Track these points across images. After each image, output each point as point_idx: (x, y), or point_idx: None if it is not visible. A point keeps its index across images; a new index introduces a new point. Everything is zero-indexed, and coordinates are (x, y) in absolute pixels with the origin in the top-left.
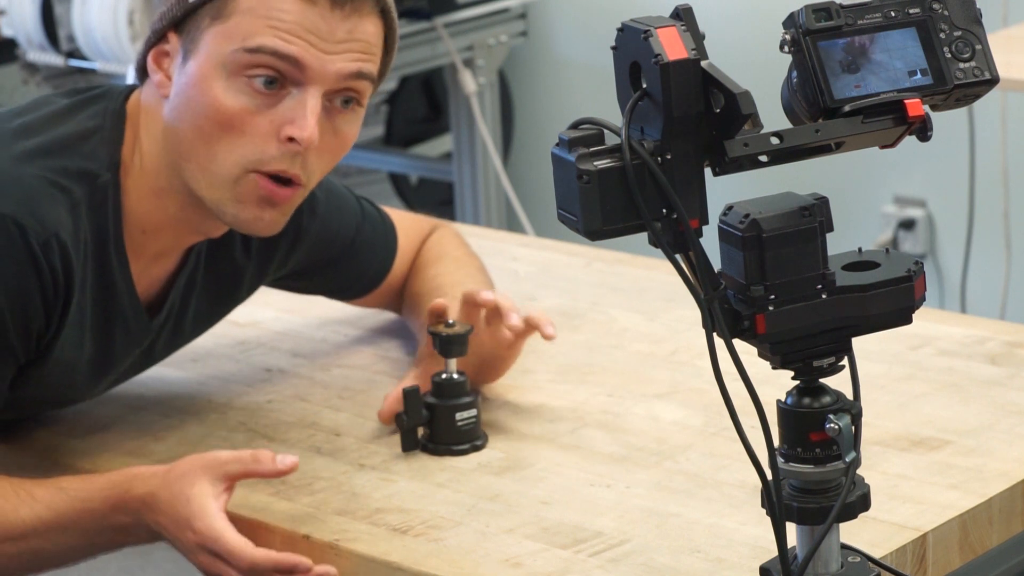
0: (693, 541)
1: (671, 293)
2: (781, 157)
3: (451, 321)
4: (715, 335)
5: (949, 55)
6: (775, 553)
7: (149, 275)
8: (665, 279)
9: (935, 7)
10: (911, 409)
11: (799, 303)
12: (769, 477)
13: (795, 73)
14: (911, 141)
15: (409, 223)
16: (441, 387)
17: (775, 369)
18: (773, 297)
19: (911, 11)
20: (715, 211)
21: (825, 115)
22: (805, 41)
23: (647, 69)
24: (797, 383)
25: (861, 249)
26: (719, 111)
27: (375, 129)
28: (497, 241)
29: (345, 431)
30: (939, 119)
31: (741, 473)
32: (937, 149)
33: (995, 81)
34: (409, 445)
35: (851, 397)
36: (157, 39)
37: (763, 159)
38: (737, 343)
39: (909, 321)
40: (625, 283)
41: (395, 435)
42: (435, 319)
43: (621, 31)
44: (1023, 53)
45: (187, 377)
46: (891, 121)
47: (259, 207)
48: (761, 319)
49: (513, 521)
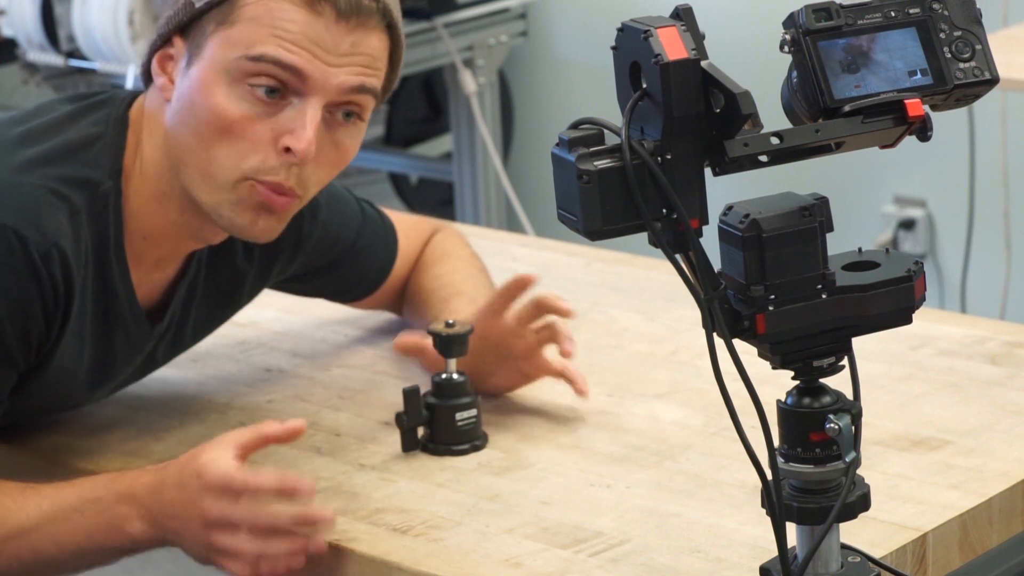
0: (693, 541)
1: (671, 293)
2: (781, 157)
3: (451, 321)
4: (715, 335)
5: (949, 55)
6: (775, 553)
7: (149, 282)
8: (665, 279)
9: (935, 7)
10: (911, 409)
11: (799, 303)
12: (769, 477)
13: (795, 73)
14: (911, 141)
15: (409, 225)
16: (441, 387)
17: (775, 369)
18: (773, 297)
19: (911, 11)
20: (715, 211)
21: (825, 115)
22: (805, 41)
23: (647, 69)
24: (797, 383)
25: (861, 249)
26: (719, 111)
27: (375, 129)
28: (497, 241)
29: (345, 431)
30: (939, 119)
31: (741, 473)
32: (937, 149)
33: (995, 81)
34: (409, 445)
35: (851, 397)
36: (162, 43)
37: (763, 159)
38: (737, 343)
39: (909, 321)
40: (625, 283)
41: (395, 435)
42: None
43: (621, 31)
44: (1023, 53)
45: (187, 377)
46: (891, 121)
47: (255, 213)
48: (761, 319)
49: (513, 521)
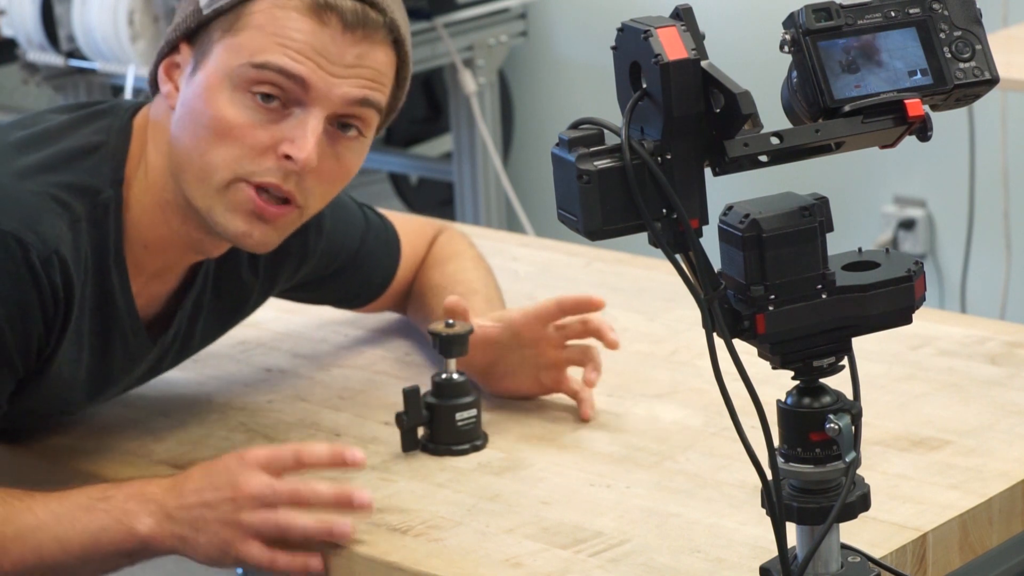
0: (693, 541)
1: (671, 293)
2: (781, 157)
3: (451, 321)
4: (715, 335)
5: (949, 55)
6: (775, 553)
7: (149, 291)
8: (665, 279)
9: (935, 7)
10: (911, 409)
11: (799, 303)
12: (769, 477)
13: (795, 73)
14: (911, 141)
15: (412, 227)
16: (441, 387)
17: (775, 369)
18: (773, 297)
19: (911, 11)
20: (715, 211)
21: (825, 115)
22: (805, 41)
23: (647, 69)
24: (797, 383)
25: (861, 249)
26: (719, 111)
27: None
28: (497, 241)
29: (345, 431)
30: (939, 119)
31: (741, 473)
32: (937, 149)
33: (995, 81)
34: (409, 445)
35: (851, 397)
36: (169, 50)
37: (763, 159)
38: (737, 343)
39: (909, 321)
40: (625, 283)
41: (395, 435)
42: (453, 315)
43: (621, 31)
44: (1023, 53)
45: (187, 377)
46: (891, 121)
47: (248, 221)
48: (761, 319)
49: (513, 521)
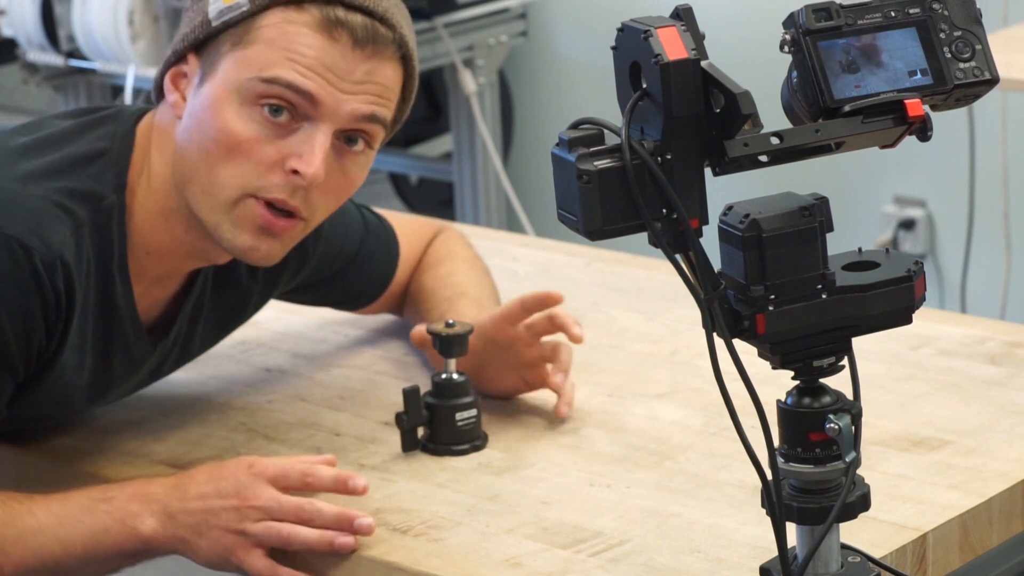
0: (693, 541)
1: (671, 293)
2: (781, 157)
3: (451, 321)
4: (715, 335)
5: (949, 55)
6: (775, 553)
7: (151, 297)
8: (665, 279)
9: (935, 7)
10: (911, 409)
11: (799, 303)
12: (769, 477)
13: (795, 73)
14: (911, 141)
15: (411, 228)
16: (441, 387)
17: (775, 369)
18: (773, 297)
19: (911, 11)
20: (715, 211)
21: (825, 115)
22: (805, 41)
23: (647, 69)
24: (797, 383)
25: (861, 249)
26: (719, 111)
27: None
28: (497, 241)
29: (345, 431)
30: (939, 119)
31: (741, 473)
32: (937, 149)
33: (995, 81)
34: (409, 445)
35: (851, 397)
36: (176, 59)
37: (763, 159)
38: (737, 343)
39: (909, 321)
40: (625, 283)
41: (395, 435)
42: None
43: (621, 31)
44: (1023, 53)
45: (187, 377)
46: (891, 121)
47: (256, 236)
48: (761, 319)
49: (513, 521)
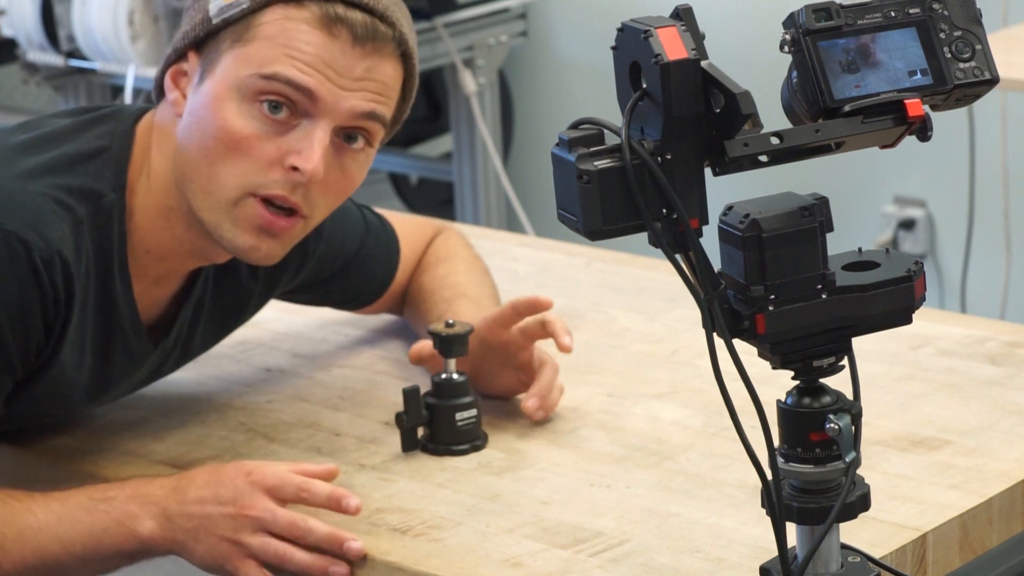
0: (693, 541)
1: (671, 293)
2: (781, 157)
3: (451, 321)
4: (715, 335)
5: (949, 55)
6: (775, 553)
7: (151, 297)
8: (665, 279)
9: (935, 7)
10: (911, 409)
11: (799, 303)
12: (769, 477)
13: (795, 73)
14: (911, 141)
15: (411, 228)
16: (441, 387)
17: (775, 369)
18: (773, 297)
19: (911, 11)
20: (715, 211)
21: (825, 115)
22: (805, 41)
23: (647, 69)
24: (797, 383)
25: (861, 249)
26: (719, 111)
27: None
28: (497, 241)
29: (345, 431)
30: (939, 119)
31: (741, 473)
32: (937, 149)
33: (995, 81)
34: (409, 445)
35: (851, 397)
36: (177, 58)
37: (763, 159)
38: (737, 343)
39: (909, 321)
40: (625, 283)
41: (395, 435)
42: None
43: (621, 31)
44: (1023, 53)
45: (187, 377)
46: (891, 121)
47: (257, 236)
48: (761, 319)
49: (513, 521)
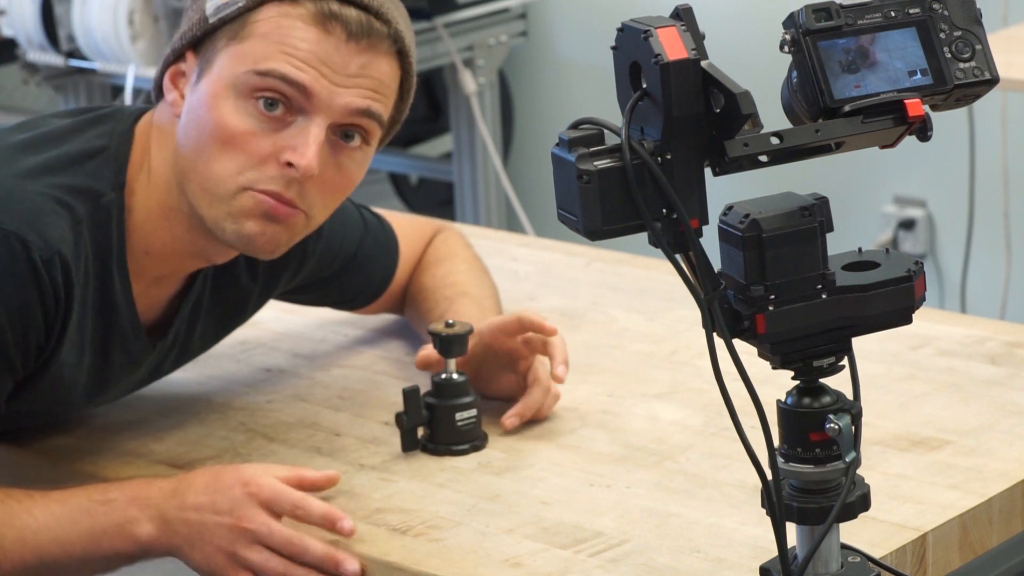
0: (693, 541)
1: (671, 293)
2: (781, 157)
3: (451, 321)
4: (715, 335)
5: (949, 55)
6: (775, 553)
7: (150, 297)
8: (665, 279)
9: (935, 7)
10: (911, 409)
11: (799, 303)
12: (769, 477)
13: (795, 73)
14: (911, 141)
15: (411, 228)
16: (441, 387)
17: (775, 369)
18: (773, 297)
19: (911, 11)
20: (715, 211)
21: (825, 115)
22: (805, 41)
23: (647, 69)
24: (797, 383)
25: (861, 249)
26: (719, 111)
27: None
28: (497, 241)
29: (345, 431)
30: (939, 119)
31: (741, 473)
32: (937, 149)
33: (995, 81)
34: (409, 445)
35: (851, 397)
36: (175, 58)
37: (763, 159)
38: (737, 343)
39: (909, 321)
40: (625, 283)
41: (395, 435)
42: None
43: (621, 31)
44: (1023, 53)
45: (187, 377)
46: (891, 121)
47: (260, 222)
48: (761, 319)
49: (513, 521)
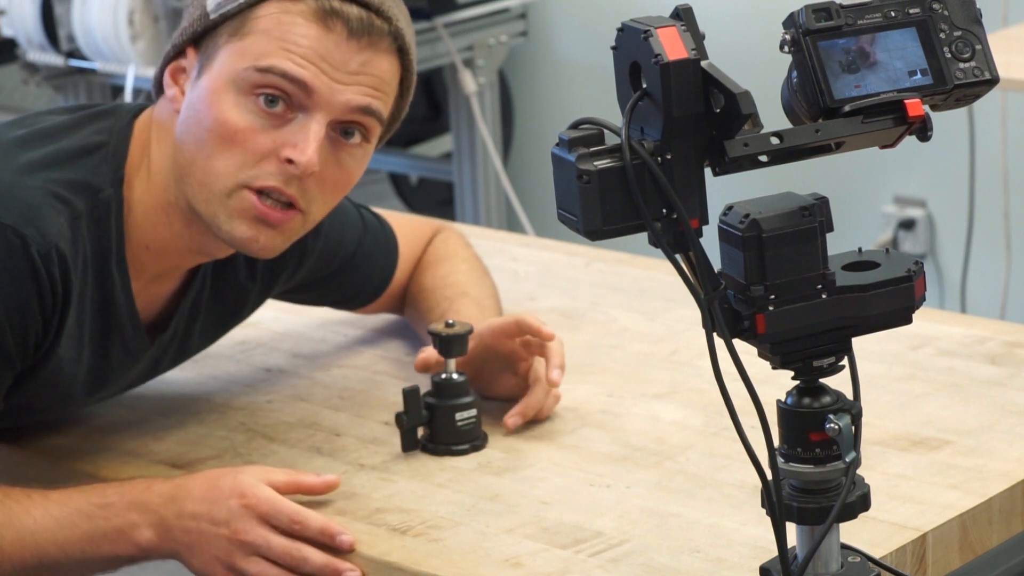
0: (693, 541)
1: (671, 293)
2: (781, 157)
3: (451, 321)
4: (715, 335)
5: (949, 55)
6: (775, 553)
7: (150, 294)
8: (665, 279)
9: (935, 7)
10: (911, 409)
11: (799, 303)
12: (769, 477)
13: (795, 73)
14: (911, 141)
15: (410, 228)
16: (441, 387)
17: (775, 369)
18: (773, 297)
19: (911, 11)
20: (715, 211)
21: (825, 115)
22: (805, 41)
23: (647, 69)
24: (797, 383)
25: (861, 249)
26: (719, 111)
27: None
28: (497, 241)
29: (345, 431)
30: (939, 119)
31: (741, 473)
32: (937, 149)
33: (995, 81)
34: (409, 445)
35: (851, 397)
36: (176, 54)
37: (763, 159)
38: (737, 343)
39: (909, 321)
40: (625, 283)
41: (395, 435)
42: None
43: (621, 31)
44: (1023, 53)
45: (187, 377)
46: (891, 121)
47: (254, 227)
48: (761, 319)
49: (513, 521)
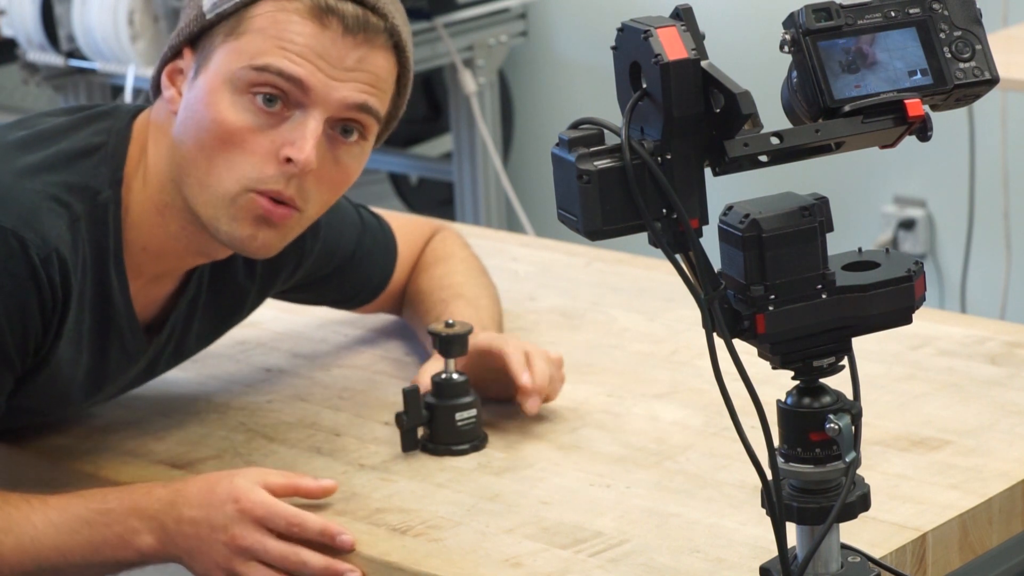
0: (693, 541)
1: (671, 293)
2: (781, 157)
3: (451, 321)
4: (715, 335)
5: (949, 55)
6: (775, 553)
7: (148, 295)
8: (665, 279)
9: (935, 7)
10: (911, 409)
11: (799, 303)
12: (769, 477)
13: (795, 73)
14: (911, 141)
15: (409, 228)
16: (441, 387)
17: (775, 369)
18: (773, 297)
19: (911, 11)
20: (715, 211)
21: (825, 115)
22: (805, 41)
23: (647, 69)
24: (797, 383)
25: (861, 249)
26: (719, 111)
27: None
28: (497, 241)
29: (345, 431)
30: (939, 119)
31: (741, 473)
32: (937, 149)
33: (995, 81)
34: (409, 445)
35: (851, 397)
36: (173, 55)
37: (763, 159)
38: (737, 343)
39: (909, 321)
40: (625, 283)
41: (395, 435)
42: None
43: (621, 31)
44: (1023, 53)
45: (187, 377)
46: (891, 121)
47: (255, 226)
48: (761, 319)
49: (513, 521)
